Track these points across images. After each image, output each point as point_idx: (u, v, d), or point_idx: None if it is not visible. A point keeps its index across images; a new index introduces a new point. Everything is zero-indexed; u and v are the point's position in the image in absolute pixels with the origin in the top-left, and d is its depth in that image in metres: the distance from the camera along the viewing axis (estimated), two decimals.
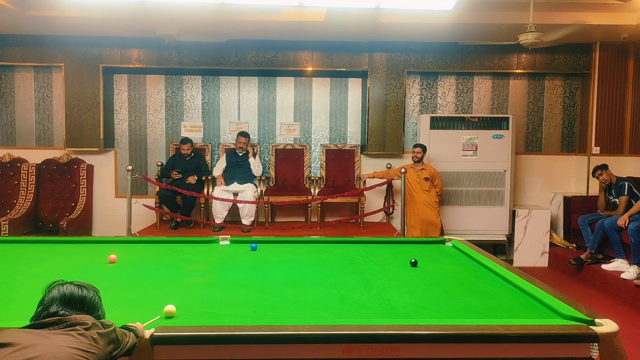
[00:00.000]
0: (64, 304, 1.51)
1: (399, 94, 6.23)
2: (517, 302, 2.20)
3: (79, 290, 1.56)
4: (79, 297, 1.54)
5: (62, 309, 1.49)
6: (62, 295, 1.52)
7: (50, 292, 1.53)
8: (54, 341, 1.38)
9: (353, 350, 1.72)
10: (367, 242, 3.55)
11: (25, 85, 6.29)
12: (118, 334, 1.53)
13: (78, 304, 1.53)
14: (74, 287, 1.55)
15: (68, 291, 1.53)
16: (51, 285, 1.56)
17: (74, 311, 1.50)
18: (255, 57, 6.14)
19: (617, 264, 4.89)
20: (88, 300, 1.56)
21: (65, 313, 1.48)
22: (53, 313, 1.47)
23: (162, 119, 6.42)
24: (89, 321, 1.46)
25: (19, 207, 5.79)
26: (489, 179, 6.03)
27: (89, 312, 1.54)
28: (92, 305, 1.57)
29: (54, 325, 1.44)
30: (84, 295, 1.55)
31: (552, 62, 6.24)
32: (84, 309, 1.53)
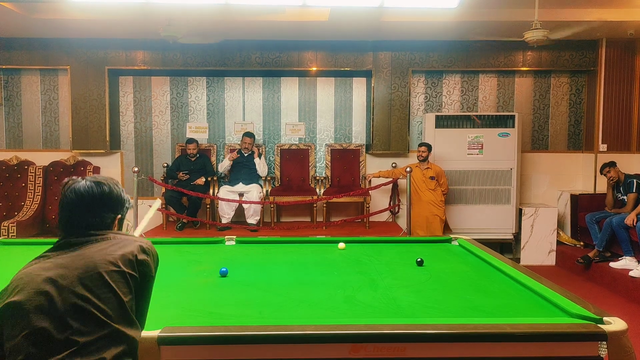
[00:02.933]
0: (87, 208, 1.39)
1: (403, 92, 6.22)
2: (524, 301, 2.19)
3: (98, 187, 1.42)
4: (100, 195, 1.41)
5: (89, 218, 1.39)
6: (81, 199, 1.39)
7: (65, 197, 1.40)
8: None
9: (359, 350, 1.71)
10: (373, 241, 3.54)
11: (32, 88, 6.33)
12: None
13: (103, 205, 1.41)
14: (91, 185, 1.41)
15: (87, 192, 1.40)
16: (65, 187, 1.42)
17: (102, 214, 1.41)
18: (259, 58, 6.15)
19: (625, 262, 4.85)
20: (115, 197, 1.44)
21: (94, 231, 1.39)
22: (82, 229, 1.38)
23: (168, 120, 6.44)
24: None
25: (27, 209, 5.82)
26: (495, 178, 6.00)
27: (117, 210, 1.45)
28: (119, 201, 1.46)
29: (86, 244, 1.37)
30: (104, 191, 1.42)
31: (557, 59, 6.20)
32: (112, 208, 1.43)
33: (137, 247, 1.46)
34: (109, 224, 1.46)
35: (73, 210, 1.41)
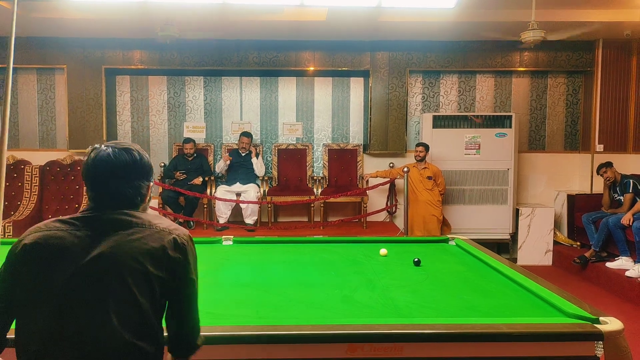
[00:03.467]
0: (122, 178, 1.26)
1: (401, 93, 6.22)
2: (521, 301, 2.19)
3: (129, 154, 1.30)
4: (133, 162, 1.29)
5: (126, 188, 1.26)
6: (115, 168, 1.26)
7: (95, 167, 1.28)
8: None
9: (356, 350, 1.71)
10: (370, 241, 3.54)
11: (28, 87, 6.31)
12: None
13: (137, 173, 1.30)
14: (121, 152, 1.28)
15: (121, 161, 1.27)
16: (93, 156, 1.28)
17: (138, 182, 1.30)
18: (257, 57, 6.14)
19: (622, 262, 4.87)
20: (146, 163, 1.33)
21: (128, 210, 1.26)
22: (117, 201, 1.26)
23: (165, 119, 6.43)
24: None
25: (23, 208, 5.80)
26: (492, 178, 6.01)
27: (150, 177, 1.35)
28: (150, 167, 1.35)
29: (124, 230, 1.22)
30: (136, 158, 1.30)
31: (554, 59, 6.22)
32: (145, 175, 1.32)
33: (170, 240, 1.25)
34: (144, 194, 1.35)
35: (107, 181, 1.27)
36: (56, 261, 1.18)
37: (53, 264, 1.18)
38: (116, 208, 1.28)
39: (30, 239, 1.21)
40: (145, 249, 1.21)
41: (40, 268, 1.18)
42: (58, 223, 1.25)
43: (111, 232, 1.23)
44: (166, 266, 1.23)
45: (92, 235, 1.22)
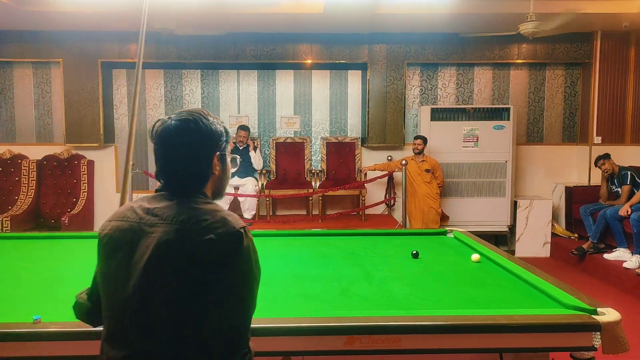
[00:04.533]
0: (179, 152, 1.19)
1: (399, 85, 6.20)
2: (519, 293, 2.20)
3: (185, 124, 1.20)
4: (191, 134, 1.19)
5: (194, 166, 1.20)
6: (171, 143, 1.20)
7: (156, 144, 1.21)
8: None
9: (354, 342, 1.71)
10: (369, 234, 3.54)
11: (24, 81, 6.27)
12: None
13: (197, 145, 1.20)
14: (177, 124, 1.19)
15: (176, 134, 1.19)
16: (161, 132, 1.21)
17: (194, 154, 1.21)
18: (254, 50, 6.11)
19: (619, 254, 4.89)
20: (205, 133, 1.22)
21: (195, 191, 1.21)
22: (186, 179, 1.20)
23: (162, 113, 6.40)
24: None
25: (21, 203, 5.79)
26: (490, 170, 6.01)
27: (213, 147, 1.24)
28: (213, 136, 1.24)
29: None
30: (193, 128, 1.20)
31: (552, 51, 6.20)
32: (205, 146, 1.22)
33: (222, 234, 1.14)
34: (211, 166, 1.25)
35: (167, 158, 1.22)
36: (118, 253, 1.18)
37: (116, 256, 1.18)
38: (181, 187, 1.22)
39: (102, 231, 1.24)
40: (197, 241, 1.12)
41: (106, 259, 1.21)
42: (129, 212, 1.22)
43: (168, 224, 1.15)
44: (211, 268, 1.12)
45: (152, 229, 1.16)
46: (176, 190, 1.22)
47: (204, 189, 1.24)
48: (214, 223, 1.14)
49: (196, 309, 1.11)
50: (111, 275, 1.18)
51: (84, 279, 2.50)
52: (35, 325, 1.72)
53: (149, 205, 1.20)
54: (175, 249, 1.11)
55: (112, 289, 1.18)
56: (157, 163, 1.24)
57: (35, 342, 1.71)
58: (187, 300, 1.11)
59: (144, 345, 1.13)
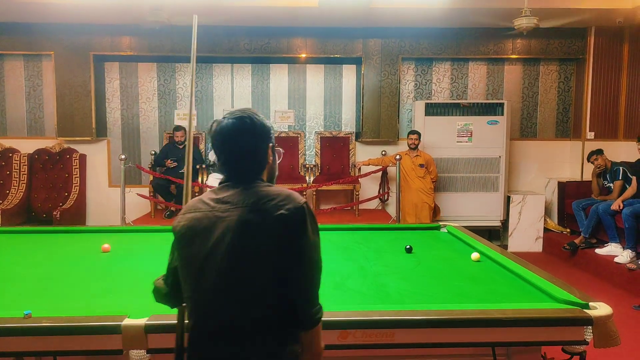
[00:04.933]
0: (241, 146, 1.35)
1: (393, 80, 6.19)
2: (511, 287, 2.21)
3: (241, 122, 1.35)
4: (248, 129, 1.35)
5: (257, 160, 1.37)
6: (233, 138, 1.35)
7: (217, 140, 1.36)
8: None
9: (348, 336, 1.71)
10: (362, 229, 3.54)
11: (15, 74, 6.20)
12: None
13: (254, 139, 1.37)
14: (234, 122, 1.35)
15: (236, 130, 1.34)
16: (213, 129, 1.37)
17: (263, 148, 1.38)
18: (248, 44, 6.07)
19: (611, 248, 4.92)
20: (258, 128, 1.38)
21: (259, 181, 1.37)
22: (251, 173, 1.36)
23: (155, 107, 6.35)
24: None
25: (12, 197, 5.74)
26: (484, 165, 6.02)
27: (266, 140, 1.40)
28: (265, 131, 1.40)
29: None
30: (249, 125, 1.36)
31: (547, 47, 6.21)
32: (261, 139, 1.38)
33: (290, 211, 1.29)
34: (266, 157, 1.41)
35: (230, 152, 1.37)
36: (197, 239, 1.32)
37: (195, 242, 1.32)
38: (245, 177, 1.37)
39: (179, 223, 1.37)
40: (254, 220, 1.28)
41: (186, 247, 1.34)
42: (199, 204, 1.37)
43: (241, 207, 1.31)
44: (273, 236, 1.28)
45: (226, 214, 1.31)
46: (240, 179, 1.37)
47: (261, 175, 1.41)
48: (282, 201, 1.30)
49: (276, 275, 1.28)
50: (194, 259, 1.32)
51: (75, 274, 2.49)
52: (25, 320, 1.71)
53: (217, 196, 1.36)
54: (253, 227, 1.27)
55: (196, 271, 1.31)
56: (219, 158, 1.40)
57: (25, 337, 1.69)
58: (268, 269, 1.28)
59: (232, 312, 1.28)
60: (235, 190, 1.35)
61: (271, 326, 1.29)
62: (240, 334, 1.27)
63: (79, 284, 2.31)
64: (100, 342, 1.69)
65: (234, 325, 1.28)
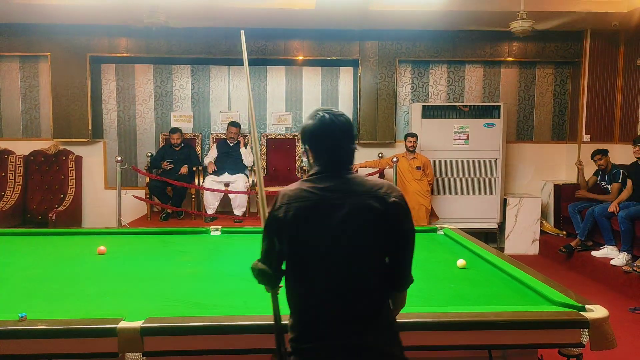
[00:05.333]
0: (343, 139, 1.50)
1: (390, 82, 6.20)
2: (508, 289, 2.21)
3: (345, 119, 1.51)
4: (350, 126, 1.52)
5: (352, 151, 1.51)
6: (339, 132, 1.48)
7: (323, 131, 1.48)
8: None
9: None
10: None
11: (11, 75, 6.17)
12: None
13: (351, 135, 1.52)
14: (338, 118, 1.50)
15: (342, 125, 1.49)
16: (315, 123, 1.50)
17: (350, 143, 1.51)
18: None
19: (607, 251, 4.93)
20: (353, 128, 1.56)
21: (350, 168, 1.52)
22: (348, 163, 1.50)
23: (152, 109, 6.34)
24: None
25: (7, 199, 5.71)
26: (480, 168, 6.04)
27: (355, 139, 1.57)
28: (355, 131, 1.59)
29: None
30: (350, 122, 1.53)
31: (543, 50, 6.24)
32: (354, 137, 1.55)
33: (388, 196, 1.47)
34: (354, 154, 1.55)
35: (336, 144, 1.49)
36: (309, 224, 1.43)
37: (308, 226, 1.43)
38: (341, 168, 1.50)
39: (287, 211, 1.44)
40: (373, 205, 1.43)
41: (297, 231, 1.44)
42: (304, 193, 1.46)
43: (348, 191, 1.45)
44: (389, 220, 1.45)
45: (341, 201, 1.43)
46: (337, 170, 1.49)
47: (351, 166, 1.53)
48: (388, 189, 1.47)
49: (386, 251, 1.46)
50: (317, 242, 1.43)
51: (71, 276, 2.48)
52: (20, 323, 1.70)
53: (320, 185, 1.46)
54: (374, 211, 1.43)
55: (321, 253, 1.42)
56: (316, 150, 1.50)
57: (20, 339, 1.68)
58: (382, 247, 1.45)
59: (351, 285, 1.42)
60: (337, 180, 1.47)
61: (381, 297, 1.46)
62: (361, 314, 1.41)
63: (74, 286, 2.30)
64: (95, 345, 1.68)
65: (356, 304, 1.41)
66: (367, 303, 1.43)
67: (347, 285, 1.42)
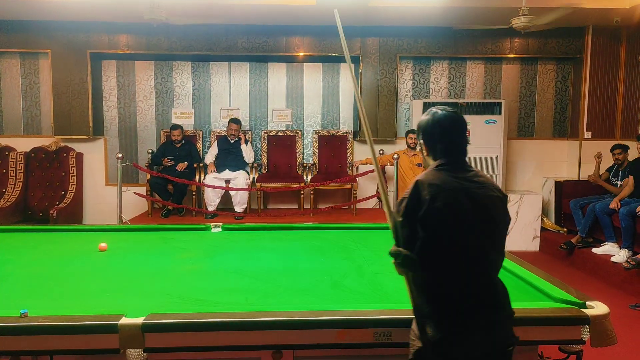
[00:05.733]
0: (464, 133, 1.69)
1: (391, 79, 6.19)
2: (509, 286, 2.18)
3: (460, 115, 1.67)
4: (465, 122, 1.70)
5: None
6: (463, 126, 1.66)
7: (452, 125, 1.63)
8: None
9: (345, 335, 1.71)
10: (360, 228, 3.54)
11: (12, 71, 6.17)
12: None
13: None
14: (457, 113, 1.66)
15: (463, 120, 1.68)
16: (439, 117, 1.63)
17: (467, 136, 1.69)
18: (245, 43, 6.06)
19: (608, 248, 4.93)
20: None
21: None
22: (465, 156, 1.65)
23: (152, 105, 6.34)
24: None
25: (8, 196, 5.72)
26: (481, 164, 6.03)
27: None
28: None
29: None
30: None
31: (544, 46, 6.22)
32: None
33: (499, 190, 1.67)
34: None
35: (460, 138, 1.65)
36: (468, 215, 1.53)
37: (460, 212, 1.53)
38: (465, 161, 1.65)
39: (437, 198, 1.52)
40: (494, 195, 1.60)
41: (449, 216, 1.52)
42: (450, 181, 1.56)
43: (481, 183, 1.59)
44: (506, 210, 1.63)
45: (481, 191, 1.57)
46: (461, 162, 1.64)
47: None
48: (494, 183, 1.66)
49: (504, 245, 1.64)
50: (460, 228, 1.52)
51: (72, 273, 2.48)
52: (22, 319, 1.70)
53: (461, 175, 1.59)
54: (502, 203, 1.61)
55: (461, 237, 1.52)
56: (445, 145, 1.63)
57: (22, 336, 1.68)
58: (504, 237, 1.63)
59: (491, 270, 1.58)
60: (468, 171, 1.61)
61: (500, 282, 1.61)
62: (499, 298, 1.57)
63: (75, 283, 2.30)
64: (97, 342, 1.68)
65: (496, 288, 1.57)
66: (501, 286, 1.58)
67: (490, 271, 1.57)
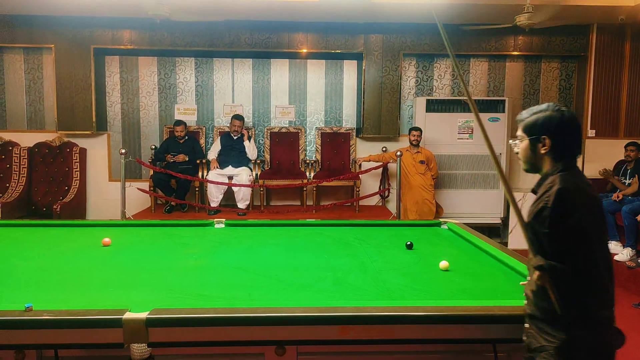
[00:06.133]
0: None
1: (394, 76, 6.18)
2: (512, 284, 2.21)
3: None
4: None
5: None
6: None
7: (572, 124, 1.63)
8: None
9: (348, 332, 1.71)
10: (363, 225, 3.55)
11: (15, 67, 6.18)
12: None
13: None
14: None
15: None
16: (569, 116, 1.63)
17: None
18: (249, 39, 6.05)
19: (611, 246, 4.93)
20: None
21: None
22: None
23: (155, 101, 6.34)
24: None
25: (12, 190, 5.74)
26: (484, 162, 6.02)
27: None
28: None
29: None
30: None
31: (548, 44, 6.19)
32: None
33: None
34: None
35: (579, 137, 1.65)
36: (598, 211, 1.58)
37: (599, 214, 1.59)
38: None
39: (593, 197, 1.59)
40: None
41: (598, 216, 1.58)
42: (587, 184, 1.61)
43: (590, 185, 1.63)
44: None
45: (593, 190, 1.62)
46: (576, 164, 1.66)
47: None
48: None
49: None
50: (603, 232, 1.63)
51: (76, 268, 2.49)
52: (26, 313, 1.71)
53: (584, 179, 1.62)
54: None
55: (605, 242, 1.65)
56: (566, 145, 1.64)
57: (26, 330, 1.69)
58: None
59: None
60: (582, 174, 1.64)
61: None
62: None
63: (79, 278, 2.31)
64: (101, 336, 1.69)
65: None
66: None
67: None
